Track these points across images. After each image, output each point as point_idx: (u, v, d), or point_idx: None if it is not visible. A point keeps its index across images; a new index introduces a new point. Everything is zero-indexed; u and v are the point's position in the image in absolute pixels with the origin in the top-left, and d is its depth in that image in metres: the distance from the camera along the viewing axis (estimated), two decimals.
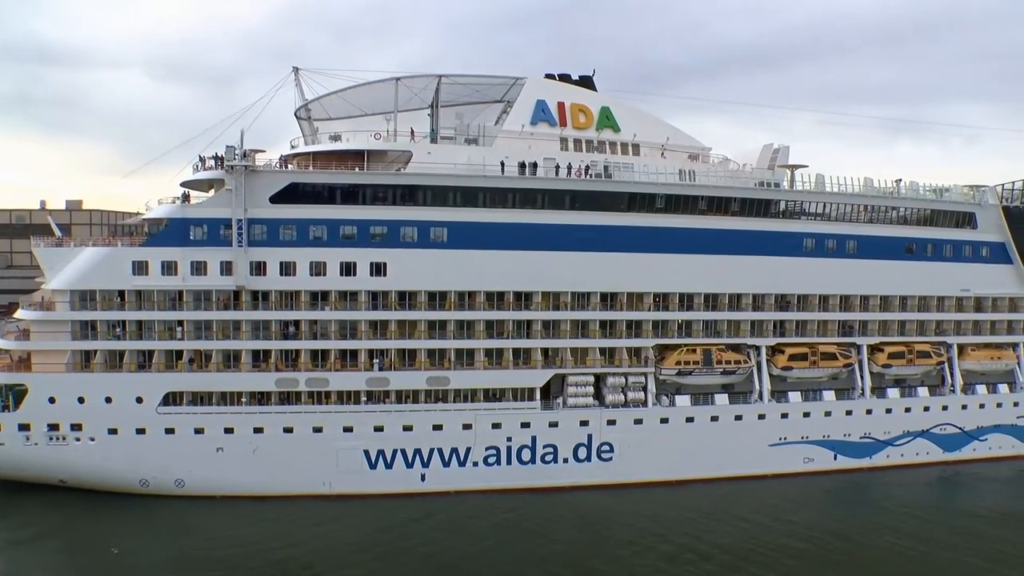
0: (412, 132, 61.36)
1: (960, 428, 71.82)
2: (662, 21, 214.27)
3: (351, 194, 57.63)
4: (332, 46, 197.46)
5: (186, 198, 59.27)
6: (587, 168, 60.43)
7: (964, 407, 72.08)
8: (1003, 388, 74.49)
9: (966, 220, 72.21)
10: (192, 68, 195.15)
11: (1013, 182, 73.98)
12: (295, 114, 68.00)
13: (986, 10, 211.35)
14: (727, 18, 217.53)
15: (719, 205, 62.79)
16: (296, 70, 66.37)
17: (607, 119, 63.66)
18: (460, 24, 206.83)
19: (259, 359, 57.79)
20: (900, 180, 70.81)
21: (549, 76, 65.31)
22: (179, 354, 57.00)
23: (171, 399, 55.86)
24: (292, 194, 56.98)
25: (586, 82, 65.65)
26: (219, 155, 56.85)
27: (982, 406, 72.92)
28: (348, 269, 57.35)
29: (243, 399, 56.64)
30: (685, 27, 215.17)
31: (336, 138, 61.61)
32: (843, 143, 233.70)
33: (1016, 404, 74.40)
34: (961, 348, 73.42)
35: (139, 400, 55.23)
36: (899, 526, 54.84)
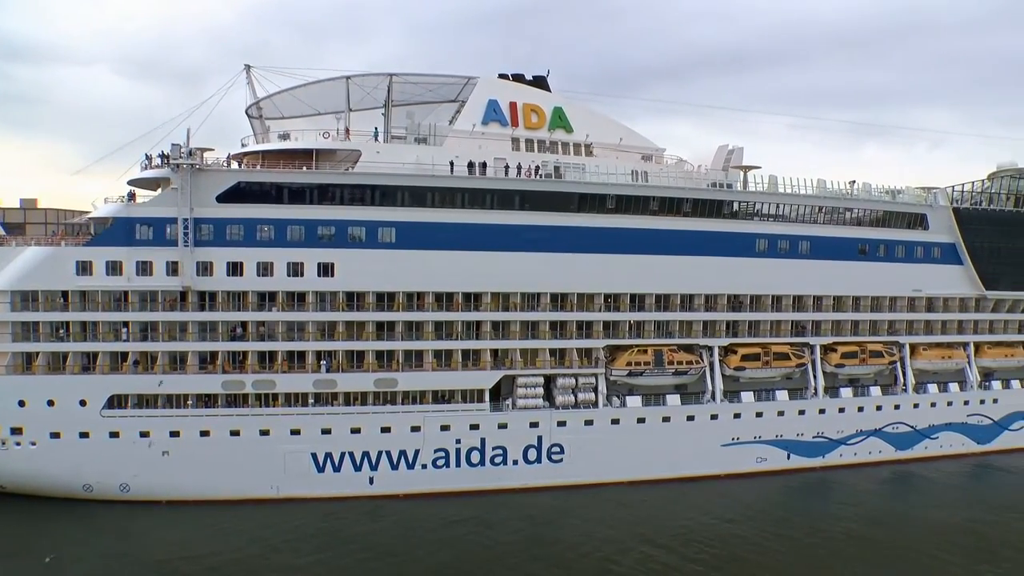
0: (347, 131, 60.65)
1: (912, 427, 72.45)
2: (630, 24, 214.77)
3: (298, 194, 56.96)
4: (303, 45, 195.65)
5: (132, 197, 58.17)
6: (537, 168, 60.07)
7: (916, 406, 72.75)
8: (954, 387, 75.39)
9: (918, 221, 72.82)
10: (161, 66, 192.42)
11: (963, 184, 74.57)
12: (246, 112, 67.15)
13: (952, 16, 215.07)
14: (694, 22, 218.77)
15: (671, 206, 62.73)
16: (248, 68, 65.74)
17: (560, 119, 63.43)
18: (430, 25, 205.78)
19: (206, 361, 56.93)
20: (854, 182, 71.30)
21: (503, 76, 64.98)
22: (124, 356, 55.97)
23: (116, 402, 54.80)
24: (239, 193, 56.18)
25: (540, 82, 65.35)
26: (165, 153, 55.88)
27: (933, 405, 73.70)
28: (295, 270, 56.65)
29: (189, 402, 55.68)
30: (653, 30, 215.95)
31: (285, 137, 60.98)
32: (811, 146, 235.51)
33: (966, 403, 75.28)
34: (913, 348, 74.09)
35: (83, 403, 54.10)
36: (851, 523, 55.48)
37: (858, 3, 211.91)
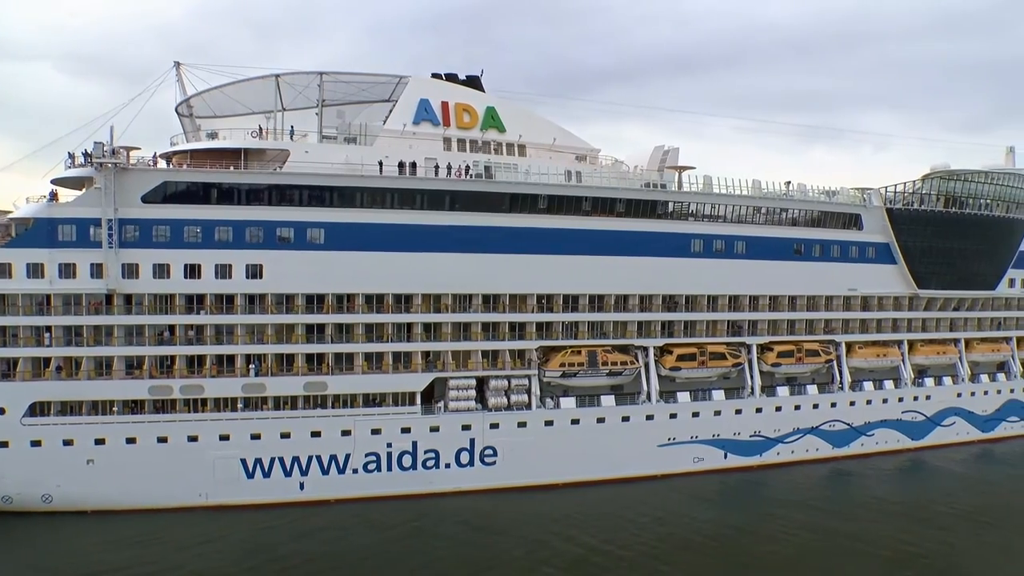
0: (256, 130, 59.64)
1: (848, 424, 73.32)
2: (585, 26, 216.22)
3: (226, 194, 55.82)
4: (254, 43, 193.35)
5: (54, 197, 56.48)
6: (467, 168, 59.57)
7: (852, 404, 73.71)
8: (889, 384, 76.53)
9: (852, 222, 73.70)
10: (107, 63, 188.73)
11: (895, 185, 75.56)
12: (176, 110, 66.02)
13: (896, 24, 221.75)
14: (649, 25, 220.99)
15: (604, 206, 62.64)
16: (177, 64, 64.53)
17: (492, 119, 63.02)
18: (385, 25, 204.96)
19: (132, 366, 55.57)
20: (789, 183, 71.92)
21: (436, 76, 64.42)
22: (46, 361, 54.37)
23: (38, 409, 53.20)
24: (165, 193, 54.95)
25: (473, 82, 64.90)
26: (88, 152, 54.44)
27: (869, 402, 74.76)
28: (224, 272, 55.53)
29: (115, 408, 54.26)
30: (608, 33, 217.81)
31: (213, 136, 59.96)
32: (762, 148, 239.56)
33: (901, 400, 76.46)
34: (849, 346, 75.08)
35: (2, 411, 52.42)
36: (787, 520, 56.15)
37: (805, 10, 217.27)
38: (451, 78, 64.55)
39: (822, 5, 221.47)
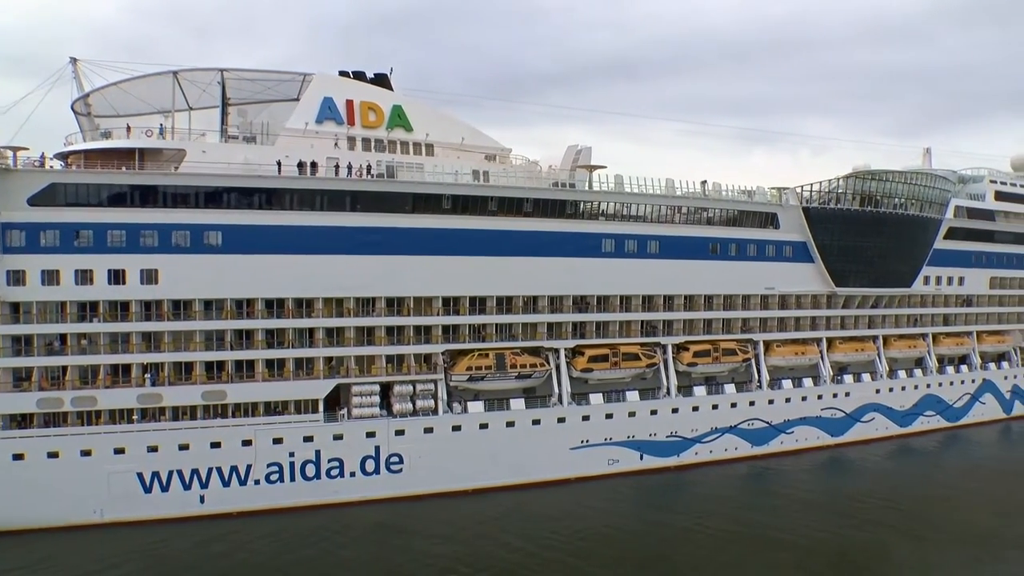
0: (153, 129, 57.34)
1: (767, 422, 73.35)
2: (527, 31, 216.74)
3: (119, 196, 53.58)
4: (193, 43, 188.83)
5: None
6: (368, 168, 58.01)
7: (771, 402, 73.76)
8: (808, 382, 76.75)
9: (769, 220, 73.79)
10: (33, 61, 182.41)
11: (812, 184, 75.89)
12: (72, 108, 62.85)
13: (828, 32, 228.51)
14: (589, 31, 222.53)
15: (511, 206, 61.56)
16: (74, 60, 61.71)
17: (399, 118, 61.47)
18: (326, 24, 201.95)
19: (20, 378, 52.94)
20: (705, 182, 71.59)
21: (343, 73, 62.74)
22: None
23: None
24: (53, 196, 52.41)
25: (381, 80, 63.24)
26: None
27: (788, 400, 74.88)
28: (117, 277, 53.15)
29: (1, 423, 51.61)
30: (549, 38, 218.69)
31: (107, 135, 57.47)
32: (702, 151, 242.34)
33: (820, 397, 76.82)
34: (767, 345, 75.21)
35: None
36: (704, 518, 56.29)
37: (742, 17, 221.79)
38: (358, 76, 62.84)
39: (758, 12, 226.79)
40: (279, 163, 55.82)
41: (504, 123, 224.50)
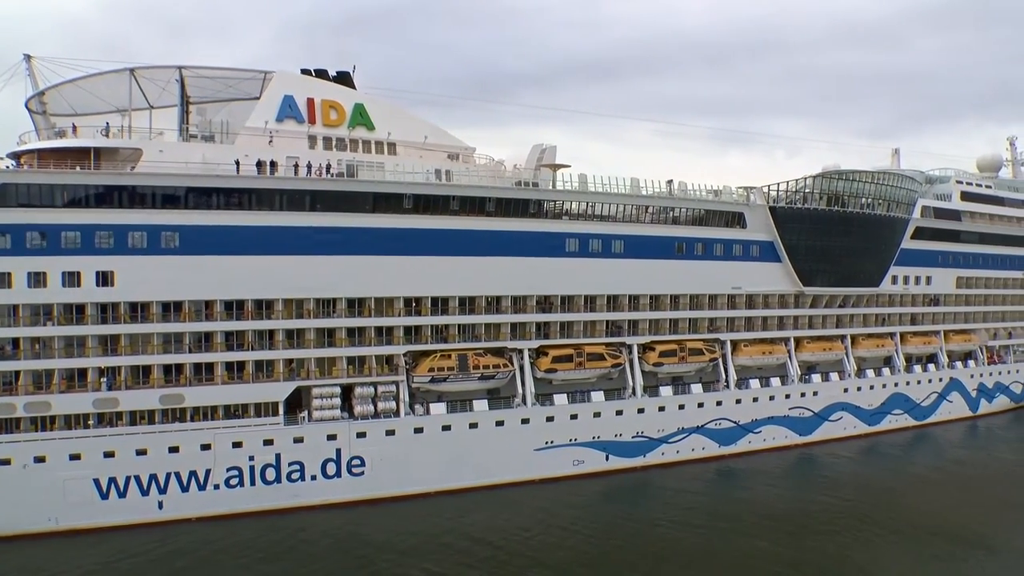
0: (112, 128, 56.53)
1: (735, 422, 73.31)
2: (500, 31, 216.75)
3: (73, 196, 52.53)
4: (167, 42, 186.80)
5: None
6: (328, 167, 57.28)
7: (738, 402, 73.69)
8: (776, 382, 76.74)
9: (736, 220, 73.71)
10: (5, 60, 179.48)
11: (778, 183, 75.94)
12: (26, 106, 61.77)
13: (800, 35, 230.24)
14: (563, 31, 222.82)
15: (473, 205, 61.01)
16: (28, 57, 60.52)
17: (361, 116, 60.70)
18: (301, 24, 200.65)
19: None
20: (671, 181, 71.34)
21: (305, 71, 61.99)
22: None
23: None
24: (5, 196, 51.19)
25: (344, 79, 62.50)
26: None
27: (756, 400, 74.85)
28: (72, 280, 52.00)
29: None
30: (522, 38, 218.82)
31: (62, 134, 56.36)
32: (681, 152, 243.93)
33: (788, 396, 76.87)
34: (735, 344, 75.12)
35: None
36: (671, 516, 56.59)
37: (715, 19, 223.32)
38: (320, 74, 62.09)
39: (731, 14, 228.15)
40: (237, 162, 54.98)
41: (479, 123, 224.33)
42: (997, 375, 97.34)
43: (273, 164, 55.82)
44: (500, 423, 61.74)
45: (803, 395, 77.99)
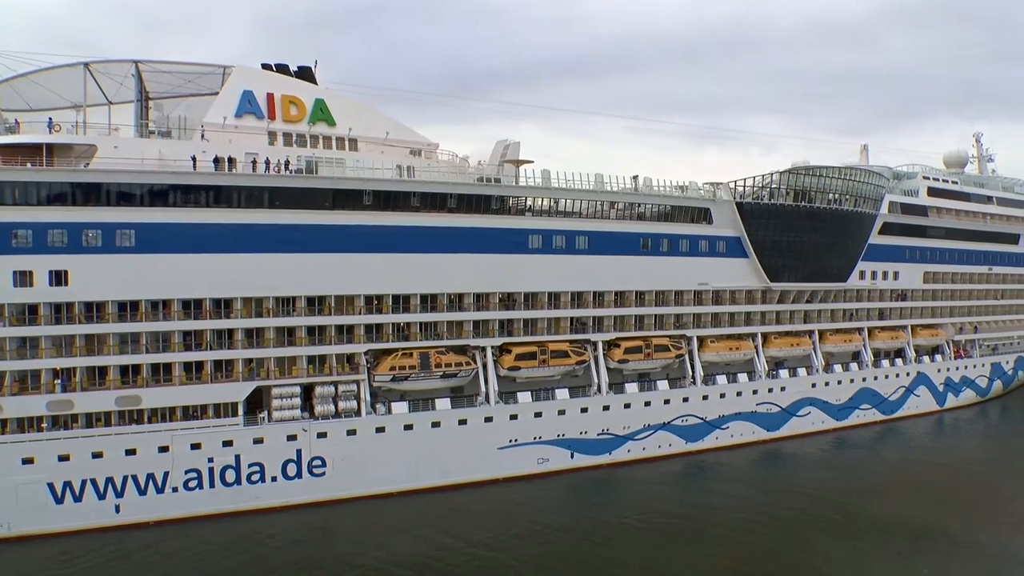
0: (61, 123, 55.48)
1: (702, 418, 73.32)
2: (477, 28, 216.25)
3: (24, 194, 51.40)
4: (137, 39, 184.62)
5: None
6: (287, 163, 56.52)
7: (705, 398, 73.65)
8: (743, 377, 76.81)
9: (702, 216, 73.67)
10: None
11: (744, 179, 75.99)
12: None
13: (774, 33, 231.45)
14: (539, 27, 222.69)
15: (435, 202, 60.47)
16: None
17: (321, 112, 60.01)
18: (278, 20, 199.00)
19: None
20: (636, 177, 71.20)
21: (266, 66, 61.11)
22: None
23: None
24: None
25: (305, 74, 61.75)
26: None
27: (723, 396, 74.87)
28: (24, 279, 50.91)
29: None
30: (499, 36, 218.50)
31: (12, 130, 55.22)
32: (657, 149, 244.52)
33: (755, 392, 76.98)
34: (701, 340, 75.04)
35: None
36: (637, 516, 56.29)
37: (690, 16, 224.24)
38: (281, 69, 61.28)
39: (706, 12, 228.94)
40: (194, 158, 54.12)
41: (453, 121, 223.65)
42: (963, 369, 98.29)
43: (231, 160, 55.04)
44: (463, 422, 61.29)
45: (770, 391, 78.16)
